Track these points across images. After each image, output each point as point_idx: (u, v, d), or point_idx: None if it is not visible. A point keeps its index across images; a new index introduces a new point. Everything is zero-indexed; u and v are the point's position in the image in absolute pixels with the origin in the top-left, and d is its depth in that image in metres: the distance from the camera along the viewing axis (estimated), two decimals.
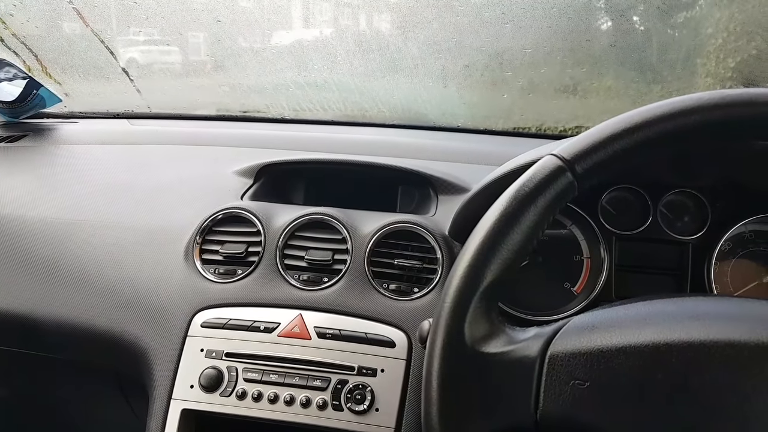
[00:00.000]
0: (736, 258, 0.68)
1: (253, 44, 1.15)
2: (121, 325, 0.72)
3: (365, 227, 0.74)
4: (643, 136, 0.42)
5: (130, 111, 1.18)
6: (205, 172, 0.89)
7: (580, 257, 0.70)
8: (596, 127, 0.44)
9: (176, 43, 1.24)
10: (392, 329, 0.67)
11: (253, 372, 0.66)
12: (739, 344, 0.36)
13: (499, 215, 0.42)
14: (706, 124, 0.41)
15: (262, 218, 0.75)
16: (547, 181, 0.42)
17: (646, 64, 1.10)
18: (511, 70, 1.09)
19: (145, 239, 0.78)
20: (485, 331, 0.41)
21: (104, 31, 1.16)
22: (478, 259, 0.42)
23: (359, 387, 0.64)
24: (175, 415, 0.65)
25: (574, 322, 0.41)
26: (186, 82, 1.27)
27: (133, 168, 0.93)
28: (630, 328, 0.39)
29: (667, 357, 0.37)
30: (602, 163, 0.42)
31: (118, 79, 1.21)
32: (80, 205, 0.84)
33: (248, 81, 1.16)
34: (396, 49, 1.09)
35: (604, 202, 0.70)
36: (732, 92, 0.41)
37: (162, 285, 0.73)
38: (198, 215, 0.77)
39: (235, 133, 1.03)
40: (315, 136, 1.03)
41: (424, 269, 0.71)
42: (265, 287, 0.71)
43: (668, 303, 0.41)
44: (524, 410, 0.39)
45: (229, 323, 0.68)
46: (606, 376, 0.38)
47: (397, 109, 1.13)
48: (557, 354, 0.39)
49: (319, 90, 1.12)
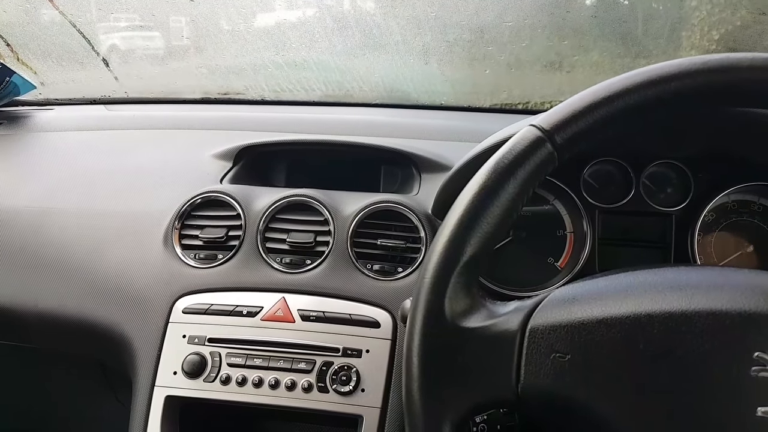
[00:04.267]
0: (719, 228, 0.68)
1: (230, 24, 1.12)
2: (101, 313, 0.71)
3: (347, 208, 0.73)
4: (624, 104, 0.41)
5: (106, 97, 1.15)
6: (183, 156, 0.88)
7: (563, 232, 0.70)
8: (576, 96, 0.43)
9: (155, 27, 1.20)
10: (377, 309, 0.67)
11: (236, 357, 0.65)
12: (721, 313, 0.36)
13: (478, 189, 0.41)
14: (687, 90, 0.40)
15: (242, 201, 0.74)
16: (526, 152, 0.41)
17: (631, 38, 1.09)
18: (492, 45, 1.08)
19: (123, 225, 0.76)
20: (465, 305, 0.41)
21: (80, 16, 1.12)
22: (457, 233, 0.41)
23: (344, 368, 0.64)
24: (159, 402, 0.65)
25: (555, 295, 0.40)
26: (164, 66, 1.24)
27: (110, 154, 0.91)
28: (611, 300, 0.39)
29: (649, 328, 0.36)
30: (582, 133, 0.41)
31: (94, 65, 1.18)
32: (56, 192, 0.83)
33: (226, 62, 1.13)
34: (375, 25, 1.06)
35: (587, 176, 0.70)
36: (713, 57, 0.40)
37: (142, 271, 0.72)
38: (176, 200, 0.75)
39: (214, 116, 1.01)
40: (296, 117, 1.01)
41: (408, 249, 0.71)
42: (247, 271, 0.70)
43: (649, 274, 0.41)
44: (505, 384, 0.38)
45: (211, 308, 0.67)
46: (587, 348, 0.37)
47: (378, 87, 1.11)
48: (537, 327, 0.39)
49: (298, 70, 1.09)
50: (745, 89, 0.40)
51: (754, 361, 0.34)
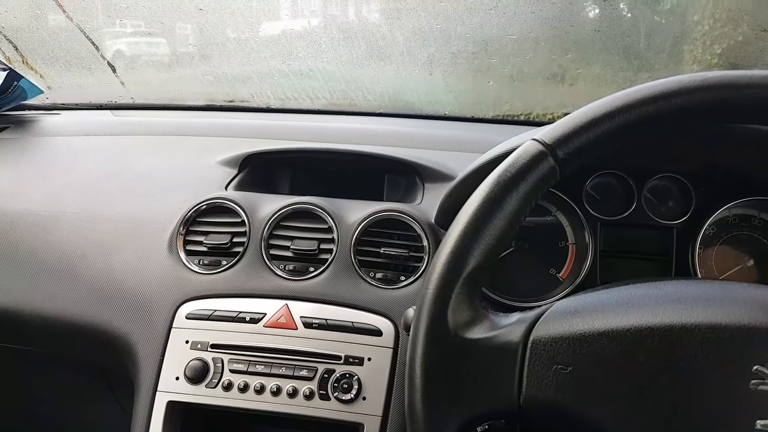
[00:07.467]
0: (720, 242, 0.68)
1: (237, 32, 1.13)
2: (105, 318, 0.71)
3: (351, 216, 0.74)
4: (625, 120, 0.41)
5: (113, 102, 1.16)
6: (188, 162, 0.88)
7: (566, 243, 0.70)
8: (578, 111, 0.44)
9: (162, 34, 1.22)
10: (379, 318, 0.67)
11: (239, 363, 0.65)
12: (720, 327, 0.36)
13: (481, 201, 0.42)
14: (687, 107, 0.41)
15: (247, 208, 0.74)
16: (528, 166, 0.42)
17: (633, 52, 1.10)
18: (496, 57, 1.09)
19: (129, 231, 0.77)
20: (468, 317, 0.41)
21: (88, 23, 1.14)
22: (460, 245, 0.41)
23: (346, 376, 0.64)
24: (161, 407, 0.65)
25: (557, 307, 0.41)
26: (170, 73, 1.25)
27: (116, 159, 0.92)
28: (612, 313, 0.39)
29: (649, 340, 0.37)
30: (584, 148, 0.42)
31: (101, 71, 1.19)
32: (62, 196, 0.83)
33: (232, 70, 1.14)
34: (381, 36, 1.07)
35: (589, 188, 0.70)
36: (713, 75, 0.41)
37: (146, 277, 0.72)
38: (181, 206, 0.76)
39: (219, 123, 1.02)
40: (300, 125, 1.02)
41: (411, 257, 0.71)
42: (251, 278, 0.70)
43: (650, 287, 0.41)
44: (507, 395, 0.39)
45: (214, 314, 0.68)
46: (588, 360, 0.38)
47: (383, 97, 1.12)
48: (540, 339, 0.39)
49: (304, 78, 1.10)
50: (744, 106, 0.41)
51: (753, 374, 0.35)
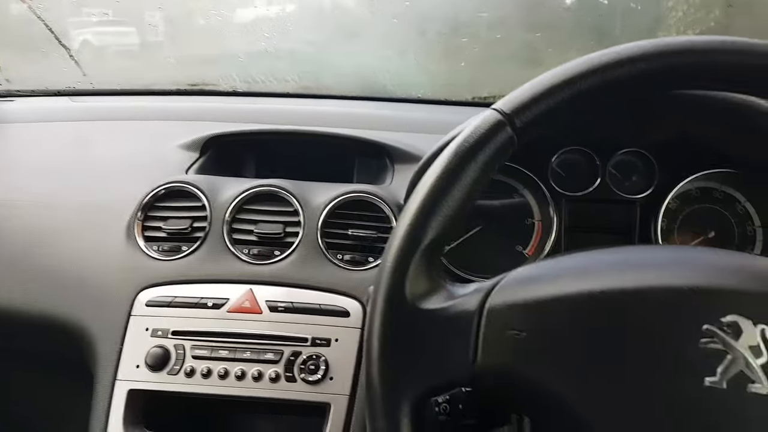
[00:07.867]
0: (682, 215, 0.69)
1: (200, 13, 1.10)
2: (62, 308, 0.69)
3: (318, 198, 0.72)
4: (585, 86, 0.41)
5: (71, 88, 1.12)
6: (148, 147, 0.85)
7: (531, 220, 0.70)
8: (536, 78, 0.43)
9: (123, 17, 1.17)
10: (347, 299, 0.66)
11: (201, 349, 0.64)
12: (672, 288, 0.36)
13: (439, 173, 0.41)
14: (648, 73, 0.40)
15: (207, 192, 0.72)
16: (486, 136, 0.41)
17: (608, 37, 1.11)
18: (468, 37, 1.08)
19: (84, 218, 0.74)
20: (426, 288, 0.40)
21: (46, 7, 1.09)
22: (418, 217, 0.41)
23: (313, 357, 0.63)
24: (121, 396, 0.63)
25: (513, 275, 0.41)
26: (132, 57, 1.21)
27: (73, 145, 0.88)
28: (567, 278, 0.39)
29: (603, 304, 0.37)
30: (542, 116, 0.41)
31: (59, 56, 1.14)
32: (16, 184, 0.80)
33: (195, 52, 1.11)
34: (350, 14, 1.05)
35: (555, 165, 0.70)
36: (674, 40, 0.41)
37: (103, 264, 0.70)
38: (139, 191, 0.73)
39: (183, 107, 0.99)
40: (268, 108, 0.99)
41: (379, 239, 0.70)
42: (213, 263, 0.69)
43: (606, 253, 0.41)
44: (462, 364, 0.38)
45: (174, 301, 0.66)
46: (542, 325, 0.37)
47: (354, 79, 1.10)
48: (495, 306, 0.39)
49: (271, 60, 1.07)
50: (705, 71, 0.40)
51: (702, 333, 0.35)
